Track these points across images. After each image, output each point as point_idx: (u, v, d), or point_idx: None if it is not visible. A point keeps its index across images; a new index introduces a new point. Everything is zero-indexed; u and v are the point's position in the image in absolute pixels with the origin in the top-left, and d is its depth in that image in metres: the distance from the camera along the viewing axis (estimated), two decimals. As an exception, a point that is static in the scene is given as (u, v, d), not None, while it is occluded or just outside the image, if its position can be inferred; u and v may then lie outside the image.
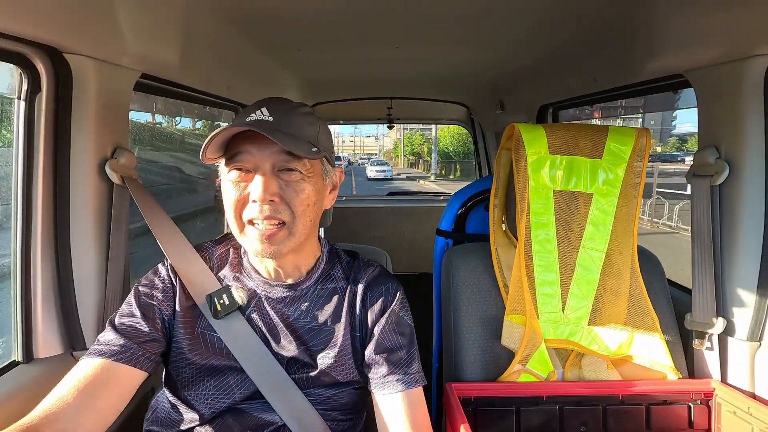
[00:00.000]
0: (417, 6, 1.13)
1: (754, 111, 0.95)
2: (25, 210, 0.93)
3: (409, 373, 0.83)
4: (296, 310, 0.85)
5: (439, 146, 32.45)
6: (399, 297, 0.88)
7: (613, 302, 1.08)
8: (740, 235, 1.00)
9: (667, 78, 1.18)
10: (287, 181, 0.76)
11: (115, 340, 0.77)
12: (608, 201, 1.09)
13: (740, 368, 1.02)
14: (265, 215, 0.75)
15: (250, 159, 0.75)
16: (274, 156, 0.75)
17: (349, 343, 0.84)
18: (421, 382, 0.84)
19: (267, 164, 0.75)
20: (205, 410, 0.81)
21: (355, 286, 0.87)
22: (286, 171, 0.76)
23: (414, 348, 0.86)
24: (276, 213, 0.76)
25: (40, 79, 0.90)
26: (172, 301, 0.84)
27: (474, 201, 1.47)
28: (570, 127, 1.14)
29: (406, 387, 0.82)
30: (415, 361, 0.85)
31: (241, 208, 0.77)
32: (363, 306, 0.86)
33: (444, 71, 2.03)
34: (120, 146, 1.03)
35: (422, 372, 0.86)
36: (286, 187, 0.76)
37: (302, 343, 0.83)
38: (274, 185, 0.75)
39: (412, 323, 0.89)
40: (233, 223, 0.79)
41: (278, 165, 0.76)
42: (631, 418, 1.03)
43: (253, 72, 1.76)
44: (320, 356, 0.83)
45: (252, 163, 0.75)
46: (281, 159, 0.75)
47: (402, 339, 0.85)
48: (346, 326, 0.85)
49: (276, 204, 0.75)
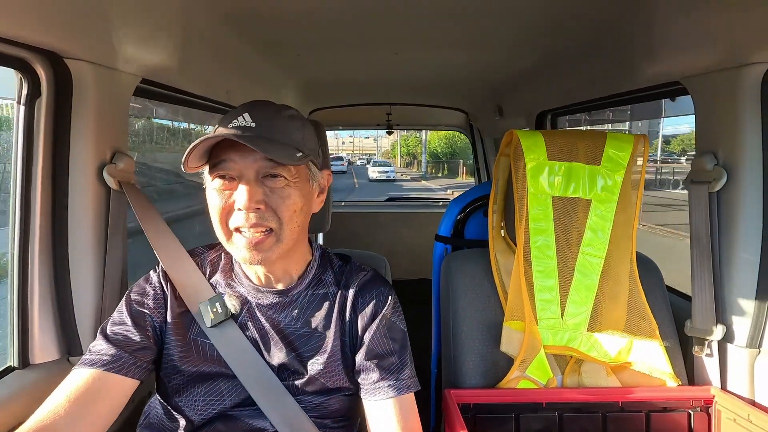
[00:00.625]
0: (416, 10, 1.14)
1: (751, 118, 0.95)
2: (23, 214, 0.93)
3: (401, 378, 0.82)
4: (287, 316, 0.84)
5: (429, 148, 34.45)
6: (391, 301, 0.87)
7: (612, 308, 1.08)
8: (739, 242, 1.00)
9: (664, 85, 1.19)
10: (272, 188, 0.75)
11: (107, 350, 0.77)
12: (607, 207, 1.09)
13: (740, 375, 1.02)
14: (252, 223, 0.74)
15: (234, 167, 0.74)
16: (257, 163, 0.74)
17: (338, 350, 0.83)
18: (413, 388, 0.83)
19: (251, 172, 0.74)
20: (196, 417, 0.81)
21: (346, 291, 0.86)
22: (271, 177, 0.75)
23: (406, 353, 0.85)
24: (262, 220, 0.74)
25: (40, 83, 0.90)
26: (164, 308, 0.83)
27: (473, 207, 1.47)
28: (569, 133, 1.14)
29: (398, 393, 0.81)
30: (408, 366, 0.84)
31: (226, 217, 0.76)
32: (353, 311, 0.85)
33: (443, 77, 2.04)
34: (119, 151, 1.03)
35: (415, 378, 0.85)
36: (271, 194, 0.75)
37: (293, 349, 0.82)
38: (259, 193, 0.74)
39: (405, 328, 0.88)
40: (219, 232, 0.77)
41: (262, 172, 0.74)
42: (630, 425, 1.03)
43: (252, 77, 1.77)
44: (310, 363, 0.82)
45: (236, 171, 0.74)
46: (265, 166, 0.74)
47: (393, 344, 0.84)
48: (336, 332, 0.84)
49: (262, 211, 0.74)
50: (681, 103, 1.26)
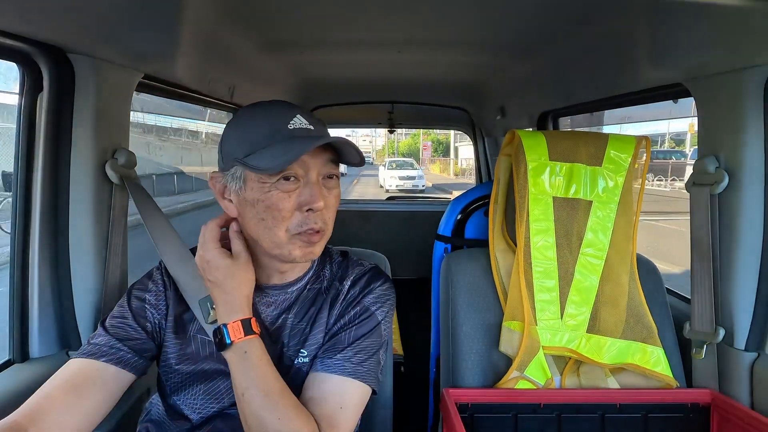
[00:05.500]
0: (420, 9, 1.14)
1: (754, 120, 0.95)
2: (24, 208, 0.93)
3: (338, 359, 0.77)
4: (286, 312, 0.84)
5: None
6: (381, 294, 0.85)
7: (611, 310, 1.08)
8: (739, 244, 1.00)
9: (667, 87, 1.19)
10: (329, 188, 0.78)
11: (105, 342, 0.77)
12: (608, 208, 1.09)
13: (738, 378, 1.02)
14: (318, 224, 0.75)
15: (302, 167, 0.74)
16: (320, 163, 0.75)
17: (321, 342, 0.83)
18: (352, 375, 0.77)
19: (315, 173, 0.75)
20: (195, 415, 0.81)
21: (341, 285, 0.86)
22: (327, 178, 0.77)
23: (363, 340, 0.80)
24: (321, 224, 0.76)
25: (42, 78, 0.91)
26: (165, 305, 0.83)
27: (473, 206, 1.47)
28: (570, 134, 1.14)
29: (326, 370, 0.77)
30: (357, 353, 0.79)
31: (288, 219, 0.75)
32: (342, 302, 0.84)
33: (445, 76, 2.04)
34: (120, 146, 1.03)
35: (364, 368, 0.78)
36: (328, 194, 0.78)
37: (291, 345, 0.82)
38: (324, 192, 0.76)
39: (384, 321, 0.84)
40: (277, 233, 0.75)
41: (324, 172, 0.76)
42: (628, 426, 1.03)
43: (255, 74, 1.76)
44: (297, 355, 0.82)
45: (303, 172, 0.75)
46: (328, 167, 0.77)
47: (357, 328, 0.81)
48: (321, 323, 0.83)
49: (323, 212, 0.76)
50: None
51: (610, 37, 1.19)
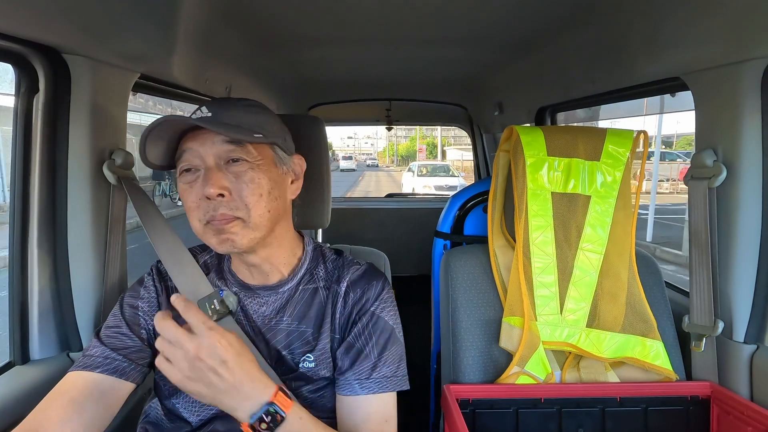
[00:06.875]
0: (416, 6, 1.13)
1: (751, 113, 0.95)
2: (22, 210, 0.93)
3: (374, 378, 0.78)
4: (277, 312, 0.83)
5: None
6: (382, 295, 0.84)
7: (611, 304, 1.08)
8: (738, 238, 1.00)
9: (664, 81, 1.19)
10: (236, 174, 0.73)
11: (101, 353, 0.77)
12: (606, 203, 1.09)
13: (738, 371, 1.02)
14: (220, 212, 0.72)
15: (194, 155, 0.73)
16: (216, 147, 0.72)
17: (328, 346, 0.82)
18: (388, 388, 0.79)
19: (211, 158, 0.72)
20: (193, 418, 0.80)
21: (338, 286, 0.84)
22: (233, 162, 0.73)
23: (388, 351, 0.81)
24: (229, 210, 0.72)
25: (38, 79, 0.90)
26: (158, 310, 0.83)
27: (472, 203, 1.47)
28: (568, 129, 1.14)
29: (366, 391, 0.78)
30: (388, 364, 0.80)
31: (197, 210, 0.74)
32: (344, 306, 0.83)
33: (443, 72, 2.04)
34: (118, 147, 1.03)
35: (397, 378, 0.81)
36: (236, 180, 0.73)
37: (284, 346, 0.82)
38: (222, 178, 0.72)
39: (396, 324, 0.85)
40: (193, 225, 0.76)
41: (223, 156, 0.73)
42: (629, 420, 1.03)
43: (252, 73, 1.76)
44: (301, 359, 0.81)
45: (197, 159, 0.73)
46: (224, 150, 0.73)
47: (374, 339, 0.81)
48: (326, 328, 0.82)
49: (228, 199, 0.72)
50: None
51: (607, 32, 1.19)
